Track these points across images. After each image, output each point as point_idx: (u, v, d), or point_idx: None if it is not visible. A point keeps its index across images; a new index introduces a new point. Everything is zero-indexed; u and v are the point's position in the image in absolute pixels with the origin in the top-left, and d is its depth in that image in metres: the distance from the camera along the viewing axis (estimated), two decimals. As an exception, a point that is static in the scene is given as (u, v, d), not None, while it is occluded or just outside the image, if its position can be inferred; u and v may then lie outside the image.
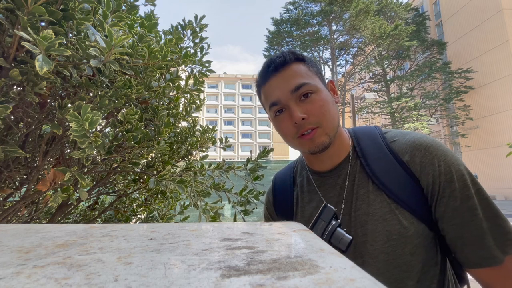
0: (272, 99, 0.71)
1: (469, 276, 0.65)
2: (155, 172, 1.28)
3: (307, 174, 0.81)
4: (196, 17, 1.40)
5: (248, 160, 1.50)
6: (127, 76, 1.12)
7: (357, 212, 0.68)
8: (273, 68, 0.71)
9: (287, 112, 0.70)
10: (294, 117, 0.67)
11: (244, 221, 1.42)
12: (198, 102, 1.56)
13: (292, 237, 0.41)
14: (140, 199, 1.66)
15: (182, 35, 1.34)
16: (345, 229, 0.67)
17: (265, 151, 1.47)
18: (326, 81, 0.77)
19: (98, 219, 1.51)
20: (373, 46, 20.55)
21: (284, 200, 0.84)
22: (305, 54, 0.80)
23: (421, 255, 0.62)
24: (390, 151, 0.68)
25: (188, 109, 1.52)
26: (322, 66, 22.13)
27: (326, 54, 22.17)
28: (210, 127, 1.69)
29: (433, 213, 0.63)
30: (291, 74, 0.70)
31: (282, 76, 0.70)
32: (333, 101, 0.73)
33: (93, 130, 0.84)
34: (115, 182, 1.53)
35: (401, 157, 0.66)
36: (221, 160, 1.69)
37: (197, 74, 1.48)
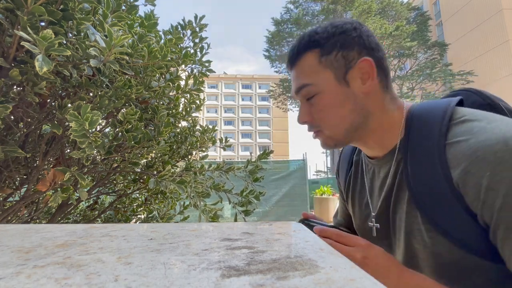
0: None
1: None
2: (155, 172, 1.28)
3: (362, 155, 0.74)
4: (196, 17, 1.40)
5: (248, 161, 1.50)
6: (127, 76, 1.12)
7: (395, 215, 0.61)
8: (287, 63, 0.66)
9: None
10: (297, 119, 0.65)
11: (245, 221, 1.42)
12: (198, 102, 1.56)
13: (292, 237, 0.41)
14: (140, 199, 1.66)
15: (182, 35, 1.34)
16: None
17: (265, 153, 1.47)
18: (355, 62, 0.59)
19: (98, 219, 1.51)
20: (373, 46, 20.45)
21: (342, 173, 0.82)
22: (337, 25, 0.60)
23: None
24: (440, 157, 0.50)
25: (188, 109, 1.52)
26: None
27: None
28: (210, 127, 1.69)
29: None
30: (297, 73, 0.63)
31: (293, 73, 0.64)
32: (347, 99, 0.59)
33: (93, 130, 0.84)
34: (115, 182, 1.53)
35: (451, 170, 0.48)
36: (221, 160, 1.69)
37: (197, 74, 1.48)
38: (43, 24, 0.84)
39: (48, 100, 1.02)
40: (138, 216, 1.63)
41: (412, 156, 0.56)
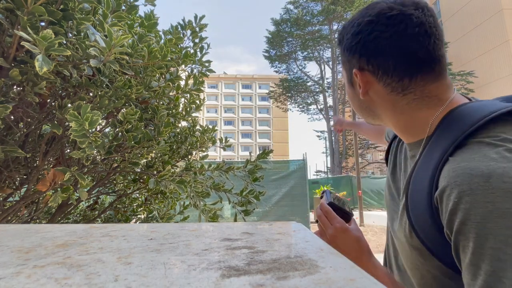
0: None
1: None
2: (155, 172, 1.28)
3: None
4: (196, 17, 1.40)
5: (248, 161, 1.50)
6: (127, 76, 1.12)
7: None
8: None
9: None
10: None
11: (245, 221, 1.42)
12: (198, 102, 1.56)
13: (292, 237, 0.41)
14: (140, 199, 1.66)
15: (182, 35, 1.34)
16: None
17: (264, 153, 1.47)
18: (352, 70, 0.62)
19: (98, 219, 1.51)
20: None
21: (390, 138, 0.82)
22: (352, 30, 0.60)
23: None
24: (437, 169, 0.49)
25: (188, 109, 1.52)
26: (323, 66, 22.15)
27: (328, 53, 22.19)
28: (210, 127, 1.69)
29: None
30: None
31: None
32: (353, 97, 0.66)
33: (93, 130, 0.84)
34: (115, 182, 1.54)
35: (438, 184, 0.48)
36: (221, 160, 1.69)
37: (197, 74, 1.48)
38: (43, 24, 0.84)
39: (48, 100, 1.02)
40: (138, 216, 1.63)
41: (424, 158, 0.55)
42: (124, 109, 1.10)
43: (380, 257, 0.74)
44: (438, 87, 0.56)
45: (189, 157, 1.60)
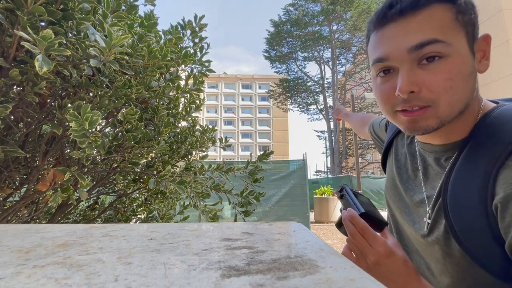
0: (379, 53, 0.51)
1: None
2: (155, 172, 1.28)
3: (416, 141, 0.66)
4: (195, 17, 1.40)
5: (248, 162, 1.50)
6: (127, 76, 1.12)
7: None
8: (397, 10, 0.49)
9: (394, 75, 0.51)
10: (400, 87, 0.48)
11: (245, 221, 1.42)
12: (198, 102, 1.56)
13: (292, 237, 0.41)
14: (140, 199, 1.66)
15: (181, 35, 1.34)
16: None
17: (265, 154, 1.47)
18: (478, 35, 0.51)
19: (98, 219, 1.51)
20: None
21: (388, 134, 0.76)
22: None
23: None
24: (491, 174, 0.45)
25: (188, 109, 1.52)
26: (323, 66, 22.15)
27: (327, 53, 22.19)
28: (210, 127, 1.69)
29: None
30: (420, 24, 0.47)
31: (407, 24, 0.48)
32: (473, 73, 0.49)
33: (93, 130, 0.84)
34: (115, 182, 1.54)
35: (496, 190, 0.44)
36: (221, 160, 1.69)
37: (196, 74, 1.48)
38: (43, 24, 0.84)
39: (48, 100, 1.02)
40: (138, 216, 1.63)
41: (464, 160, 0.50)
42: (124, 109, 1.10)
43: None
44: None
45: (189, 157, 1.60)
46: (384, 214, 0.67)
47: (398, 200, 0.67)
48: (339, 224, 0.58)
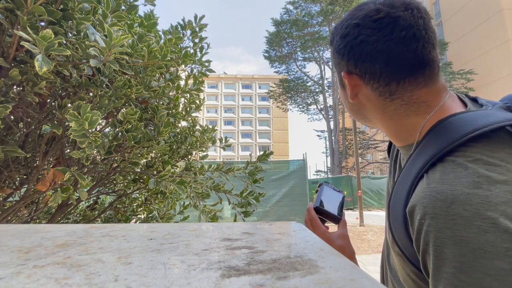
0: None
1: None
2: (155, 172, 1.28)
3: None
4: (195, 17, 1.40)
5: (248, 163, 1.50)
6: (127, 76, 1.12)
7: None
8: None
9: None
10: None
11: (244, 221, 1.42)
12: (197, 102, 1.56)
13: (292, 237, 0.41)
14: (140, 199, 1.66)
15: (181, 35, 1.34)
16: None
17: (265, 154, 1.47)
18: (341, 73, 0.61)
19: (98, 219, 1.51)
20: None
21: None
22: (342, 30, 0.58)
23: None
24: (412, 183, 0.50)
25: (188, 109, 1.52)
26: (322, 67, 22.16)
27: (327, 54, 22.19)
28: (210, 127, 1.69)
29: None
30: None
31: None
32: (345, 99, 0.64)
33: (93, 130, 0.84)
34: (115, 182, 1.54)
35: (410, 199, 0.49)
36: (221, 160, 1.69)
37: (196, 74, 1.48)
38: (43, 24, 0.84)
39: (48, 100, 1.02)
40: (138, 216, 1.63)
41: (408, 165, 0.54)
42: (124, 109, 1.10)
43: (379, 257, 0.74)
44: (428, 93, 0.54)
45: (189, 157, 1.60)
46: (382, 214, 0.71)
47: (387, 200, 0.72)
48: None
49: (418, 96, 0.54)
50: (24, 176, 1.14)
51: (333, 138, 21.21)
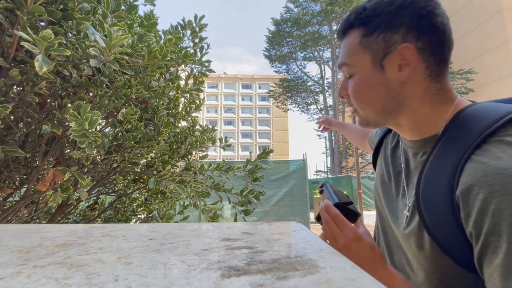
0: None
1: None
2: (155, 172, 1.28)
3: (400, 137, 0.72)
4: (195, 17, 1.40)
5: (248, 161, 1.50)
6: (126, 76, 1.12)
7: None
8: (337, 34, 0.65)
9: None
10: (338, 93, 0.64)
11: (245, 221, 1.42)
12: (197, 102, 1.56)
13: (292, 237, 0.41)
14: (140, 199, 1.66)
15: (181, 35, 1.34)
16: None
17: (264, 153, 1.47)
18: (396, 47, 0.55)
19: (98, 219, 1.51)
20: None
21: (379, 134, 0.83)
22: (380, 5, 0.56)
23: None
24: (458, 167, 0.48)
25: (188, 109, 1.52)
26: (322, 66, 22.16)
27: (327, 53, 22.17)
28: (210, 127, 1.69)
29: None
30: (342, 48, 0.62)
31: (340, 45, 0.63)
32: (381, 83, 0.57)
33: (93, 129, 0.84)
34: (115, 182, 1.54)
35: (460, 182, 0.47)
36: (221, 159, 1.69)
37: (196, 74, 1.48)
38: (43, 24, 0.84)
39: (48, 100, 1.02)
40: (138, 216, 1.63)
41: (437, 154, 0.54)
42: (124, 109, 1.10)
43: None
44: (450, 83, 0.57)
45: (189, 157, 1.60)
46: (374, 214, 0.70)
47: (384, 196, 0.70)
48: (318, 217, 0.66)
49: (448, 83, 0.57)
50: (24, 176, 1.14)
51: (333, 138, 21.20)
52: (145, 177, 1.39)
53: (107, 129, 1.27)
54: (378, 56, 0.56)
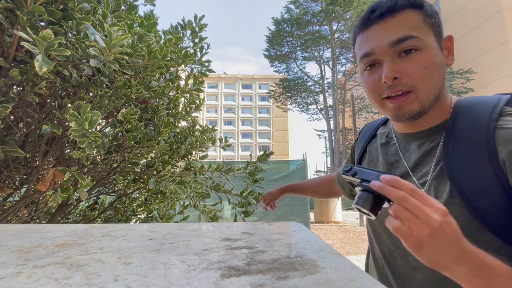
0: (365, 50, 0.61)
1: None
2: (155, 172, 1.28)
3: (390, 130, 0.74)
4: (195, 17, 1.40)
5: (248, 163, 1.50)
6: (126, 76, 1.12)
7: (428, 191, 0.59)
8: (378, 14, 0.59)
9: (379, 68, 0.60)
10: (385, 74, 0.57)
11: (244, 221, 1.42)
12: (197, 102, 1.56)
13: (292, 237, 0.41)
14: (140, 199, 1.66)
15: (181, 35, 1.34)
16: None
17: (265, 154, 1.47)
18: (445, 36, 0.62)
19: (98, 219, 1.51)
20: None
21: (360, 145, 0.83)
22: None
23: None
24: (488, 138, 0.52)
25: (188, 109, 1.52)
26: (323, 66, 22.15)
27: (327, 53, 22.14)
28: (210, 127, 1.69)
29: None
30: (397, 24, 0.58)
31: (386, 24, 0.59)
32: (443, 64, 0.59)
33: (93, 129, 0.84)
34: (115, 182, 1.53)
35: (499, 148, 0.50)
36: (221, 159, 1.69)
37: (196, 74, 1.48)
38: (42, 24, 0.84)
39: (48, 100, 1.02)
40: (138, 216, 1.63)
41: (455, 136, 0.57)
42: (124, 109, 1.10)
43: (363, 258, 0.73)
44: None
45: (189, 157, 1.60)
46: None
47: None
48: (361, 201, 0.48)
49: None
50: (24, 176, 1.13)
51: (333, 138, 21.19)
52: (145, 177, 1.39)
53: (107, 129, 1.27)
54: (438, 37, 0.60)
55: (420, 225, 0.41)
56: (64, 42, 0.85)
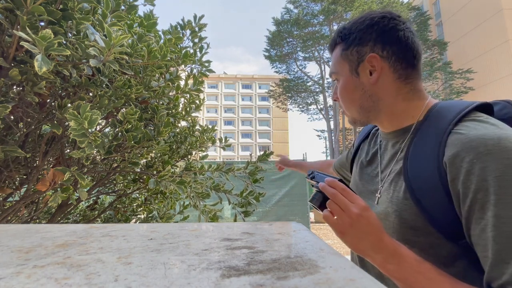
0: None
1: None
2: (155, 172, 1.28)
3: (380, 131, 0.82)
4: (195, 16, 1.40)
5: (248, 163, 1.50)
6: (126, 76, 1.12)
7: (385, 188, 0.69)
8: (328, 50, 0.80)
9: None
10: (331, 96, 0.75)
11: (244, 221, 1.42)
12: (197, 102, 1.56)
13: (292, 237, 0.41)
14: (140, 199, 1.66)
15: (181, 35, 1.34)
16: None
17: (265, 154, 1.47)
18: (366, 57, 0.68)
19: (98, 219, 1.51)
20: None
21: (356, 143, 0.93)
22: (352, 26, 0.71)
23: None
24: (442, 140, 0.57)
25: (188, 109, 1.52)
26: (322, 66, 22.15)
27: (328, 53, 22.14)
28: (210, 126, 1.69)
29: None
30: (332, 59, 0.77)
31: (331, 58, 0.79)
32: (357, 86, 0.70)
33: (93, 129, 0.84)
34: (115, 182, 1.53)
35: (446, 151, 0.55)
36: (221, 160, 1.69)
37: (196, 74, 1.48)
38: (42, 24, 0.84)
39: (48, 100, 1.02)
40: (138, 216, 1.63)
41: (419, 136, 0.64)
42: (124, 109, 1.10)
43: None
44: (422, 85, 0.70)
45: (189, 157, 1.60)
46: None
47: (363, 191, 0.78)
48: (314, 199, 0.64)
49: (420, 84, 0.70)
50: (24, 176, 1.13)
51: (333, 138, 21.20)
52: (145, 177, 1.39)
53: (107, 129, 1.27)
54: (354, 65, 0.71)
55: (344, 216, 0.55)
56: (64, 42, 0.85)
